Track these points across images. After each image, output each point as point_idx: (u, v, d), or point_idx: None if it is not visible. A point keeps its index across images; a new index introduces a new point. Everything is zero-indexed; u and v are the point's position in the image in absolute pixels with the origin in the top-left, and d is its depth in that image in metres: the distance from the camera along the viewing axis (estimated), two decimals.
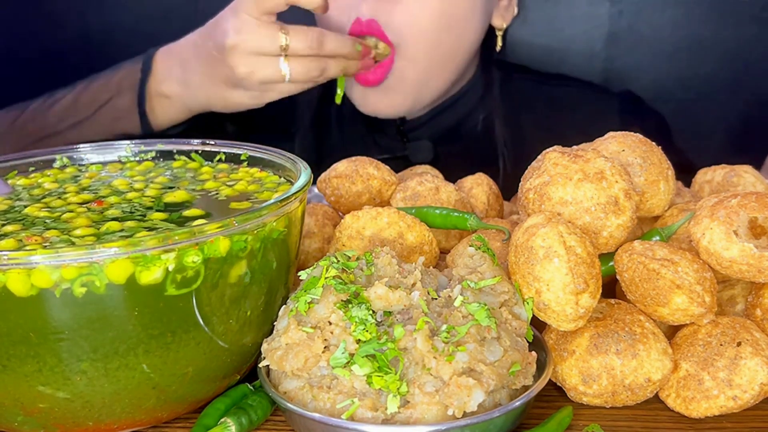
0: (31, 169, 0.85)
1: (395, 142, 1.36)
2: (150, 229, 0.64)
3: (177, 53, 1.21)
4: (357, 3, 1.18)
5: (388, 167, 0.91)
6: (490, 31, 1.34)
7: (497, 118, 1.40)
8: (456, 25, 1.22)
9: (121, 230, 0.64)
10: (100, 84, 1.26)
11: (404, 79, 1.24)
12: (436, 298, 0.66)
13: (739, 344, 0.66)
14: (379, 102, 1.27)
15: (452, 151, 1.37)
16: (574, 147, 0.76)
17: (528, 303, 0.66)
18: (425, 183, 0.88)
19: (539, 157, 0.74)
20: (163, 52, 1.23)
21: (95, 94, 1.25)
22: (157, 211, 0.69)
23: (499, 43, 1.33)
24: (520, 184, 0.75)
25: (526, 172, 0.75)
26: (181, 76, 1.20)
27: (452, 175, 1.00)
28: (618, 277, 0.70)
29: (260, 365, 0.67)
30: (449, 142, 1.37)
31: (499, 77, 1.42)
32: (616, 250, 0.71)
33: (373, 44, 1.19)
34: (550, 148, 0.74)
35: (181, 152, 0.87)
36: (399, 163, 1.28)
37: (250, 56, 1.10)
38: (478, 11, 1.25)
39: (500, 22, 1.32)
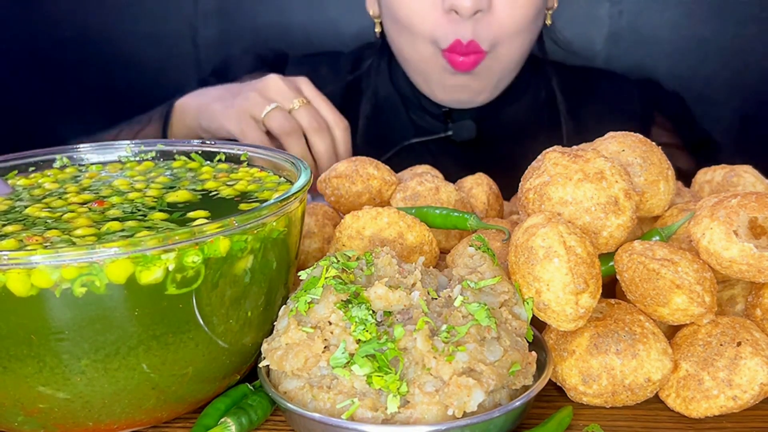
0: (31, 169, 0.85)
1: (438, 123, 1.47)
2: (150, 229, 0.64)
3: (205, 91, 1.35)
4: (456, 28, 1.29)
5: (387, 167, 0.91)
6: None
7: (553, 101, 1.52)
8: (532, 24, 1.35)
9: (122, 230, 0.64)
10: (138, 118, 1.40)
11: (491, 71, 1.37)
12: (436, 298, 0.66)
13: (739, 344, 0.66)
14: (462, 94, 1.40)
15: (495, 128, 1.48)
16: (574, 147, 0.76)
17: (528, 303, 0.66)
18: (425, 183, 0.88)
19: (539, 156, 0.74)
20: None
21: (132, 126, 1.40)
22: (160, 211, 0.69)
23: (548, 20, 1.44)
24: (520, 184, 0.75)
25: (526, 172, 0.75)
26: (200, 93, 1.34)
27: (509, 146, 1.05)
28: (618, 277, 0.70)
29: (260, 365, 0.67)
30: (491, 121, 1.47)
31: (538, 63, 1.52)
32: (616, 250, 0.71)
33: None
34: (550, 148, 0.74)
35: (181, 152, 0.87)
36: (440, 142, 1.42)
37: (263, 97, 1.22)
38: (542, 5, 1.37)
39: (552, 2, 1.44)
